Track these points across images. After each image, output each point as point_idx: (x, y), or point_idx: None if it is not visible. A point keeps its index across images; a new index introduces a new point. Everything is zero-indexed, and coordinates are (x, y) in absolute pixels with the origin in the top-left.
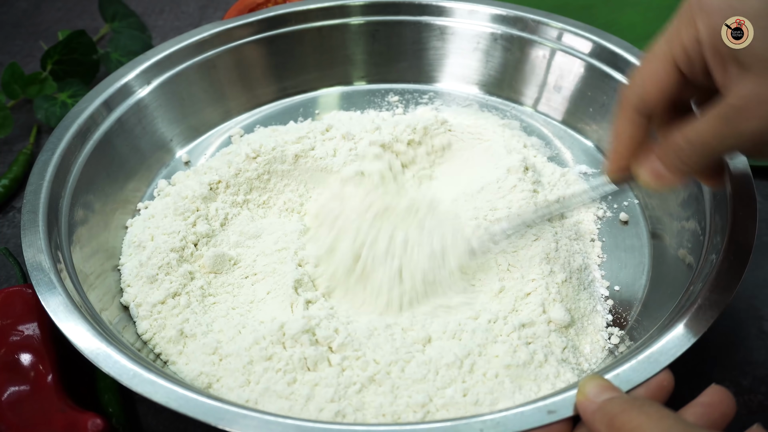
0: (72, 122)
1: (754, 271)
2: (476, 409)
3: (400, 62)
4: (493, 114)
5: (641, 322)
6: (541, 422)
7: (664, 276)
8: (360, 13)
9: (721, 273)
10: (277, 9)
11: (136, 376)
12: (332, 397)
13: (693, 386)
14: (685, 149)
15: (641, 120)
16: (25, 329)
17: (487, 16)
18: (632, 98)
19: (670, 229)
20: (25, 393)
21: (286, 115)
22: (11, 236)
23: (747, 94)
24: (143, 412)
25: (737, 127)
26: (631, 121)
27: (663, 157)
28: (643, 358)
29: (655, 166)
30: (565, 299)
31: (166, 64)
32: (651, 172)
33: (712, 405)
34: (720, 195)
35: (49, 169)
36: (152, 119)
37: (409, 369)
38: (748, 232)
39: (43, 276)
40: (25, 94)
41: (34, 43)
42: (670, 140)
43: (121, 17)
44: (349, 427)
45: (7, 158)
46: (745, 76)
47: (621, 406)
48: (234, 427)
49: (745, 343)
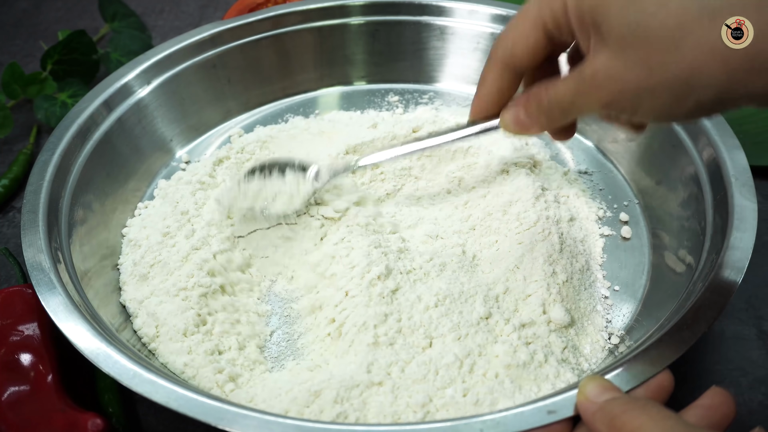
0: (72, 122)
1: (754, 271)
2: (476, 409)
3: (400, 62)
4: None
5: (641, 322)
6: (541, 422)
7: (664, 276)
8: (360, 13)
9: (721, 273)
10: (277, 9)
11: (136, 376)
12: (334, 398)
13: (693, 386)
14: (545, 105)
15: (509, 75)
16: (25, 329)
17: (487, 16)
18: (501, 55)
19: (670, 229)
20: (25, 393)
21: (286, 115)
22: (11, 236)
23: (599, 68)
24: (143, 412)
25: (588, 97)
26: (499, 76)
27: (526, 107)
28: (643, 358)
29: (518, 113)
30: (565, 299)
31: (166, 64)
32: (513, 119)
33: (712, 407)
34: (720, 195)
35: (49, 169)
36: (152, 119)
37: (410, 369)
38: (748, 232)
39: (43, 276)
40: (25, 94)
41: (34, 43)
42: (534, 94)
43: (121, 17)
44: (350, 427)
45: (7, 158)
46: (602, 50)
47: (622, 407)
48: (234, 427)
49: (745, 343)
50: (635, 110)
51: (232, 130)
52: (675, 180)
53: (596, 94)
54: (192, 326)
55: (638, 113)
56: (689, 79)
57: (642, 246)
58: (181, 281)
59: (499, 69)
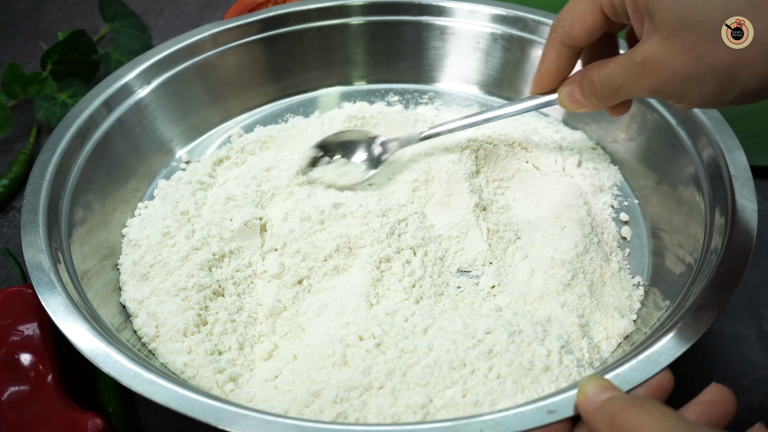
0: (72, 122)
1: (754, 271)
2: (476, 409)
3: (400, 62)
4: None
5: (641, 322)
6: (541, 422)
7: (664, 276)
8: (360, 13)
9: (721, 273)
10: (277, 9)
11: (136, 376)
12: (334, 399)
13: (693, 386)
14: (597, 85)
15: (567, 52)
16: (25, 329)
17: (487, 16)
18: (560, 34)
19: (670, 229)
20: (25, 393)
21: (286, 115)
22: (11, 236)
23: (650, 54)
24: (143, 412)
25: (638, 81)
26: (558, 53)
27: (580, 86)
28: (643, 358)
29: (573, 90)
30: (568, 300)
31: (166, 64)
32: (568, 95)
33: (712, 403)
34: (720, 195)
35: (49, 169)
36: (152, 119)
37: (410, 370)
38: (748, 232)
39: (43, 276)
40: (25, 94)
41: (34, 43)
42: (587, 73)
43: (121, 17)
44: (350, 427)
45: (7, 158)
46: (652, 36)
47: (622, 405)
48: (234, 427)
49: (745, 343)
50: (682, 96)
51: (232, 130)
52: (675, 180)
53: (645, 79)
54: (192, 326)
55: (685, 99)
56: (734, 69)
57: (642, 246)
58: (181, 281)
59: (557, 47)
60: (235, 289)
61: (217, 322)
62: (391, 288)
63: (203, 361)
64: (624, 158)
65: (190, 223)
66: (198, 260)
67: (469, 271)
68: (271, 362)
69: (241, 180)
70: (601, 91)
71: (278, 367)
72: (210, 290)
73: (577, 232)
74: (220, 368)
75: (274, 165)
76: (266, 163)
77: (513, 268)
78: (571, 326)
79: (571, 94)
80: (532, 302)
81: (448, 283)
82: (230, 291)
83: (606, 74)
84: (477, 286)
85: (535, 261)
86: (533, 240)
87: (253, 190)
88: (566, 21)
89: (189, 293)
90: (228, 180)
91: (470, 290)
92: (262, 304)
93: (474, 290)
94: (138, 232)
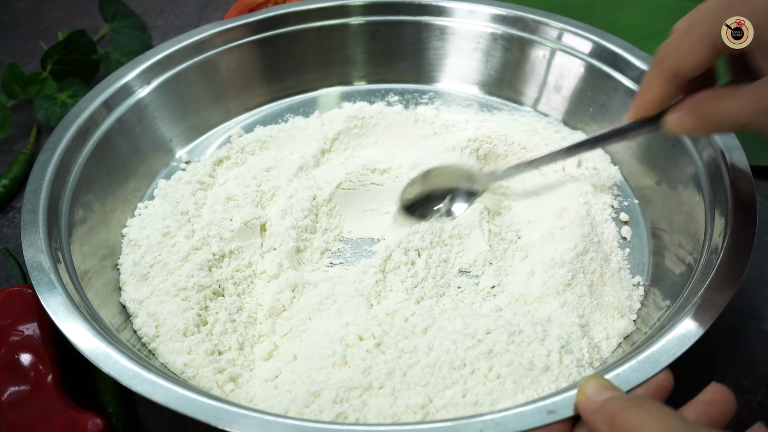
0: (72, 122)
1: (754, 271)
2: (476, 409)
3: (400, 62)
4: None
5: (641, 322)
6: (541, 422)
7: (664, 276)
8: (360, 13)
9: (721, 273)
10: (277, 9)
11: (136, 376)
12: (334, 399)
13: (693, 386)
14: (716, 116)
15: (676, 82)
16: (25, 329)
17: (487, 16)
18: (669, 66)
19: (670, 229)
20: (25, 393)
21: (286, 115)
22: (11, 236)
23: None
24: (143, 412)
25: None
26: (666, 83)
27: (693, 114)
28: (643, 358)
29: (683, 118)
30: (568, 300)
31: (166, 64)
32: (678, 123)
33: (712, 403)
34: (720, 195)
35: (49, 169)
36: (152, 119)
37: (410, 370)
38: (748, 232)
39: (43, 276)
40: (25, 94)
41: (34, 43)
42: (702, 104)
43: (121, 17)
44: (350, 427)
45: (7, 158)
46: None
47: (621, 405)
48: (234, 427)
49: (745, 343)
50: None
51: (232, 130)
52: (675, 180)
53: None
54: (192, 326)
55: None
56: None
57: (642, 246)
58: (181, 281)
59: (666, 78)
60: (235, 289)
61: (217, 322)
62: (393, 289)
63: (203, 361)
64: (624, 158)
65: (190, 223)
66: (198, 260)
67: (469, 271)
68: (271, 362)
69: (241, 180)
70: (721, 122)
71: (278, 367)
72: (210, 290)
73: (577, 232)
74: (220, 368)
75: (274, 165)
76: (266, 163)
77: (513, 268)
78: (571, 326)
79: (680, 121)
80: (532, 302)
81: (449, 284)
82: (230, 291)
83: (729, 107)
84: (477, 286)
85: (535, 261)
86: (533, 240)
87: (253, 190)
88: (676, 55)
89: (189, 293)
90: (228, 180)
91: (470, 290)
92: (261, 305)
93: (474, 290)
94: (138, 232)
